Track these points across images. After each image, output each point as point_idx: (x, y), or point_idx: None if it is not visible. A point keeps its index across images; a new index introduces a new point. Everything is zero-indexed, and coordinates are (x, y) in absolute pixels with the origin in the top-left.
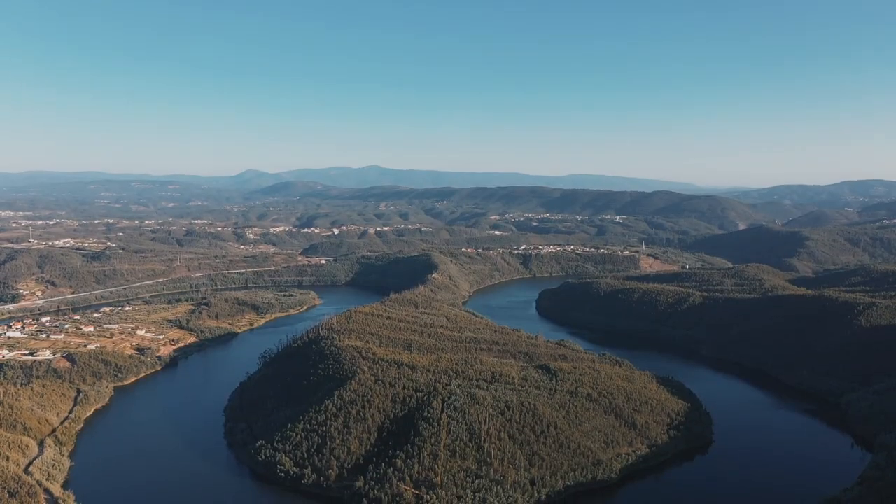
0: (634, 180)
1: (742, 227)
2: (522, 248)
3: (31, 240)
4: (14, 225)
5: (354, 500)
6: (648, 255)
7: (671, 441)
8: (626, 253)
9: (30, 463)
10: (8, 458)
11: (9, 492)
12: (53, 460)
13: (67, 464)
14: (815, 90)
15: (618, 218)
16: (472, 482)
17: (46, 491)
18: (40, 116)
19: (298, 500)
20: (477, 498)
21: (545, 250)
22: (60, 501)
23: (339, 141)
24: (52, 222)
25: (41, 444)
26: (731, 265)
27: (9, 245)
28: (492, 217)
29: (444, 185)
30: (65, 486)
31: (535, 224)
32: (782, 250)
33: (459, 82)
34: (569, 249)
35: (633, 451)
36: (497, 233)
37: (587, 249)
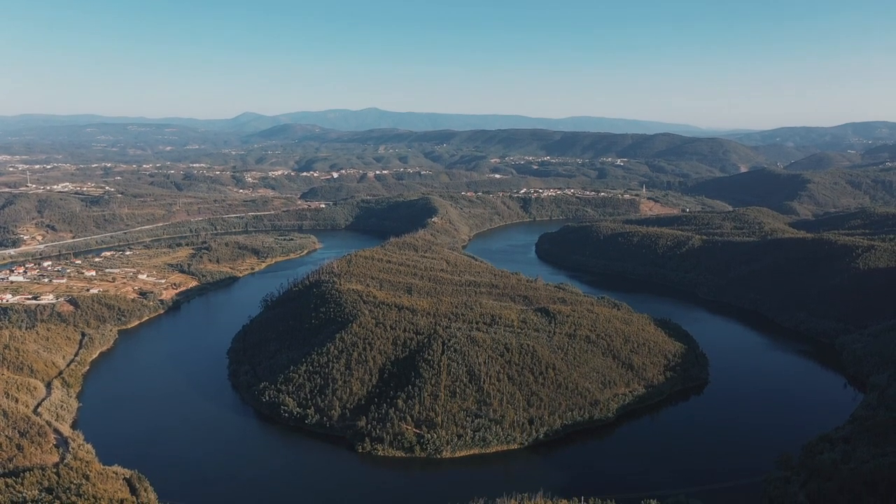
0: (636, 122)
1: (743, 169)
2: (522, 191)
3: (29, 184)
4: (11, 169)
5: (357, 439)
6: (649, 199)
7: (667, 382)
8: (627, 196)
9: (38, 404)
10: (17, 400)
11: (19, 432)
12: (61, 401)
13: (75, 405)
14: (820, 29)
15: (619, 161)
16: (472, 421)
17: (56, 431)
18: (33, 57)
19: (302, 440)
20: (477, 436)
21: (545, 194)
22: (70, 441)
23: (337, 83)
24: (49, 166)
25: (48, 385)
26: (731, 208)
27: (7, 190)
28: (492, 160)
29: (443, 128)
30: (73, 426)
31: (535, 167)
32: (783, 193)
33: (459, 21)
34: (569, 193)
35: (630, 392)
36: (497, 176)
37: (587, 193)
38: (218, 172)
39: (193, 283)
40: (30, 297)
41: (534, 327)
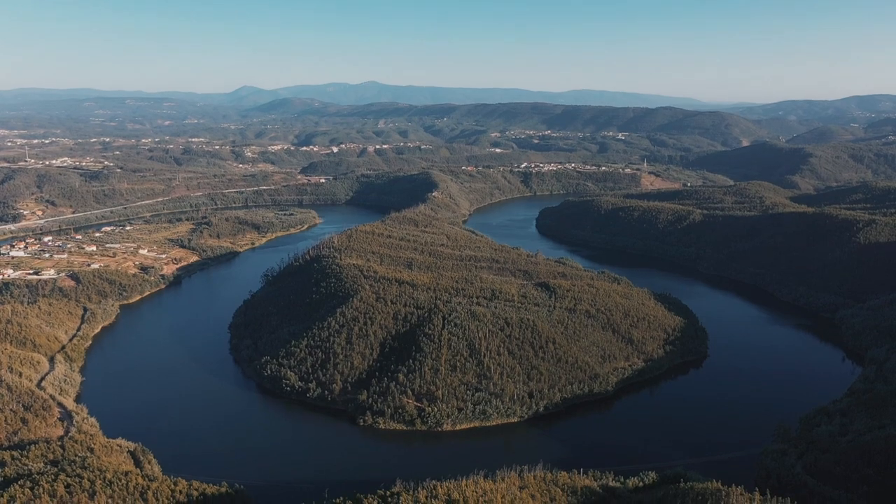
0: (637, 96)
1: (745, 143)
2: (523, 165)
3: (28, 159)
4: (9, 144)
5: (358, 413)
6: (650, 173)
7: (667, 355)
8: (628, 171)
9: (42, 378)
10: (21, 374)
11: (23, 406)
12: (65, 376)
13: (79, 379)
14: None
15: (620, 135)
16: (473, 395)
17: (60, 405)
18: (30, 31)
19: (304, 413)
20: (477, 410)
21: (546, 168)
22: (74, 414)
23: (336, 56)
24: (47, 141)
25: (51, 360)
26: (732, 183)
27: (6, 164)
28: (492, 134)
29: (443, 102)
30: (77, 399)
31: (535, 141)
32: (785, 167)
33: None
34: (570, 167)
35: (630, 366)
36: (497, 150)
37: (588, 167)
38: (217, 147)
39: (194, 258)
40: (31, 272)
41: (534, 302)
